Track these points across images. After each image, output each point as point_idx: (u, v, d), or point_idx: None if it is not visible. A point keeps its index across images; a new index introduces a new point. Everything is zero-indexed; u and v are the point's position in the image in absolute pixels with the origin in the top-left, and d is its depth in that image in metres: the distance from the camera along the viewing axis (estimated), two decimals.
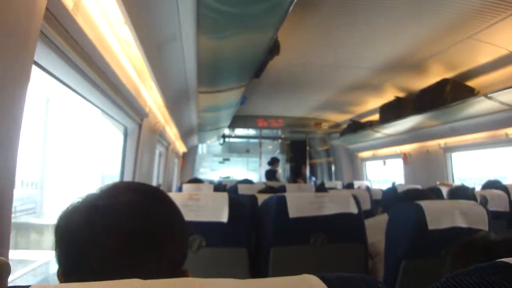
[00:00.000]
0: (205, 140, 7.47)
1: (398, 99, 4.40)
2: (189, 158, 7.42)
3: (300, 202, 1.63)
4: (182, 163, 7.13)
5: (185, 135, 5.25)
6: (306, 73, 4.00)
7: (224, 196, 1.55)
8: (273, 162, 7.76)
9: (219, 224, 1.51)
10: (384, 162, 6.11)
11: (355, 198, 1.72)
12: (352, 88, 4.42)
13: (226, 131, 7.57)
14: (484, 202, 1.72)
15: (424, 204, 1.35)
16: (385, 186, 5.03)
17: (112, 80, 1.64)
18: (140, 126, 2.52)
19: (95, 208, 0.55)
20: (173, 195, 1.48)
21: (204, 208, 1.51)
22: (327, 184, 5.32)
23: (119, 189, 0.59)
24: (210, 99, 3.20)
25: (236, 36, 1.79)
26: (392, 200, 1.99)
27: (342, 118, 6.42)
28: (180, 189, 3.30)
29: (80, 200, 0.58)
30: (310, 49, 3.22)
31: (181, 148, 6.25)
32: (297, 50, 3.25)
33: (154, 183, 3.80)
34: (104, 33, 1.45)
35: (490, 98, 2.94)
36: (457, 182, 4.33)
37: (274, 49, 2.74)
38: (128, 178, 2.42)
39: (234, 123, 6.13)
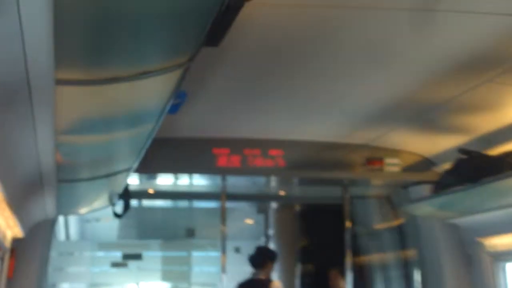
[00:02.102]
0: (74, 207, 7.60)
1: None
2: (30, 255, 7.41)
3: None
4: (12, 269, 7.07)
5: (20, 194, 5.23)
6: (337, 31, 4.13)
7: None
8: (261, 260, 7.85)
9: None
10: None
11: None
12: (463, 65, 4.53)
13: (133, 182, 7.74)
14: None
15: None
16: None
17: None
18: None
19: None
20: None
21: None
22: None
23: None
24: (89, 98, 3.35)
25: None
26: None
27: (437, 145, 6.67)
28: None
29: None
30: None
31: (8, 228, 6.22)
32: None
33: None
34: None
35: None
36: None
37: None
38: None
39: (155, 160, 6.38)
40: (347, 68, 4.91)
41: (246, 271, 8.04)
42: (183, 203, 10.08)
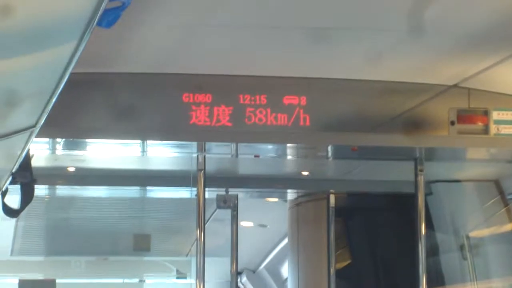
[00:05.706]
0: None
1: None
2: None
3: None
4: None
5: None
6: None
7: None
8: None
9: None
10: None
11: None
12: None
13: (40, 153, 6.69)
14: None
15: None
16: None
17: None
18: None
19: None
20: None
21: None
22: None
23: None
24: None
25: None
26: None
27: None
28: None
29: None
30: None
31: None
32: None
33: None
34: None
35: None
36: None
37: None
38: None
39: (80, 113, 5.89)
40: None
41: None
42: (130, 192, 7.77)
